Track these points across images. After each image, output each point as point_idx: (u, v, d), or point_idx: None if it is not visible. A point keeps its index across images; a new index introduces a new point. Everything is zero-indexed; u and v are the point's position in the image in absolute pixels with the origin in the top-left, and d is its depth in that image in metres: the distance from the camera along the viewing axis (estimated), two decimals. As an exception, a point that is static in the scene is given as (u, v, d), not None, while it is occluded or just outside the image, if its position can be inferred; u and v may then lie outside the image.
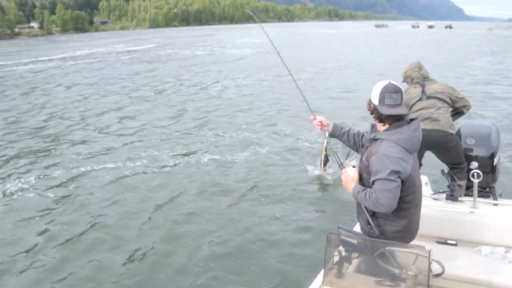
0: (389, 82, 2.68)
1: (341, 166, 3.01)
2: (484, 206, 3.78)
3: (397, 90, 2.63)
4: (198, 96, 17.81)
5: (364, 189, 2.68)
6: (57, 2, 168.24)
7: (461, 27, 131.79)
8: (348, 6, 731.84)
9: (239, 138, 11.03)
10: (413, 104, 4.50)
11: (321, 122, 3.12)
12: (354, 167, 2.91)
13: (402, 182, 2.58)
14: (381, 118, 2.69)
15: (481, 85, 18.74)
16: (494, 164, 4.52)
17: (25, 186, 8.12)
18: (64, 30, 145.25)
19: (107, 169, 8.95)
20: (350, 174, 2.83)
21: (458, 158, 4.47)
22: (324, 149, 7.53)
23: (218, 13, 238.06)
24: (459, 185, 4.29)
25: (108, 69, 29.59)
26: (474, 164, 4.30)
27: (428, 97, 4.47)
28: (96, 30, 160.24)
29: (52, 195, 7.67)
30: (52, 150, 10.58)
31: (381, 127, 2.73)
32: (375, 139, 2.72)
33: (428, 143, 4.20)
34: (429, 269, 2.33)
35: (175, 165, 9.13)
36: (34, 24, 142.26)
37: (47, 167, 9.27)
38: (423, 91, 4.53)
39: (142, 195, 7.57)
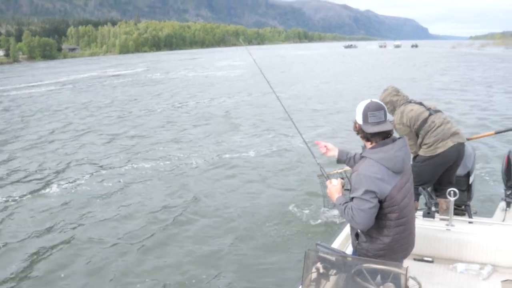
0: (371, 100, 2.67)
1: (327, 177, 3.05)
2: (459, 224, 3.83)
3: (379, 108, 2.62)
4: (200, 112, 18.83)
5: (346, 203, 2.69)
6: (23, 29, 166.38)
7: (427, 46, 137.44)
8: (317, 28, 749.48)
9: (227, 152, 11.55)
10: (425, 119, 4.26)
11: (326, 146, 3.14)
12: (342, 178, 2.95)
13: (381, 201, 2.58)
14: (368, 137, 2.68)
15: (447, 96, 20.11)
16: (470, 182, 4.57)
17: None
18: (31, 57, 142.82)
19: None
20: (335, 184, 2.86)
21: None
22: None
23: (189, 38, 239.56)
24: (437, 203, 4.27)
25: (106, 91, 30.48)
26: None
27: (435, 111, 4.31)
28: (65, 57, 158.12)
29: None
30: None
31: (368, 145, 2.72)
32: (362, 157, 2.73)
33: (458, 157, 4.27)
34: (406, 286, 2.30)
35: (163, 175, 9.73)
36: (0, 52, 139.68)
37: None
38: (426, 107, 4.33)
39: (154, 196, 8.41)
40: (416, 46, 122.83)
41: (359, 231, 2.75)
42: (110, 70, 56.53)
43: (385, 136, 2.65)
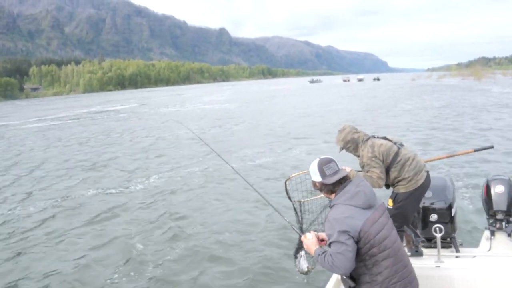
0: (319, 158, 2.90)
1: (300, 233, 3.17)
2: (448, 259, 3.85)
3: (330, 160, 2.86)
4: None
5: (324, 252, 2.72)
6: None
7: (388, 78, 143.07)
8: (280, 64, 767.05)
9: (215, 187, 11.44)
10: (396, 152, 4.10)
11: (317, 237, 2.97)
12: (315, 231, 3.03)
13: (357, 241, 2.62)
14: (332, 189, 2.83)
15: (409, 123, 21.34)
16: (453, 214, 4.59)
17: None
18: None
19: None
20: (309, 238, 2.91)
21: None
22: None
23: (154, 76, 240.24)
24: (423, 241, 4.27)
25: (102, 126, 32.03)
26: (434, 217, 4.49)
27: (401, 145, 4.19)
28: (27, 96, 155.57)
29: None
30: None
31: (333, 196, 2.85)
32: (331, 206, 2.83)
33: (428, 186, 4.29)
34: None
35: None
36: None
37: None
38: (392, 141, 4.19)
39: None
40: (378, 79, 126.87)
41: (355, 284, 2.75)
42: (104, 107, 57.81)
43: (343, 181, 2.83)
